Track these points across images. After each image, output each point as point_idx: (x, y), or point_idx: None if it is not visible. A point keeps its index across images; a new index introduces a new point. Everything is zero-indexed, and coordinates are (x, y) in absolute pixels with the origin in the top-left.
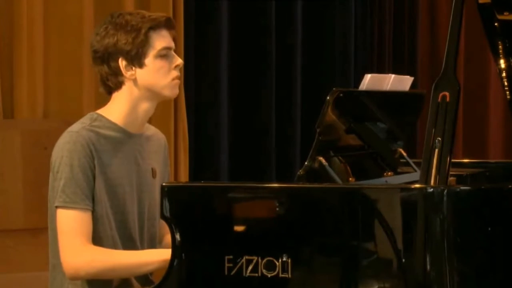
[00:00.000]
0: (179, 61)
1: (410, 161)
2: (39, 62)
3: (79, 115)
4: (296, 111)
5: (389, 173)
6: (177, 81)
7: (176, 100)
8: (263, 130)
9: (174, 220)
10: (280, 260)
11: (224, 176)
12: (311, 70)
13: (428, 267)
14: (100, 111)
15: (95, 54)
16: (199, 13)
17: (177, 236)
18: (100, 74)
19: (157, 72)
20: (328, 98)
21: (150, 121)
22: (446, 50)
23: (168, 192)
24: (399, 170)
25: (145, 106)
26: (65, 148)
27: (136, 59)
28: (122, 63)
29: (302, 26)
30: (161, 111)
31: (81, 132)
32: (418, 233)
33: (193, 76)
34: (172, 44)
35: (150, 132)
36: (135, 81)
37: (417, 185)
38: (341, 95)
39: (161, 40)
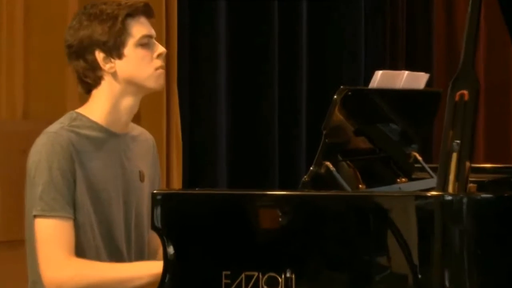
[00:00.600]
0: (161, 49)
1: (426, 166)
2: (19, 60)
3: (61, 116)
4: (301, 111)
5: (403, 179)
6: (161, 70)
7: (168, 96)
8: (265, 131)
9: (166, 231)
10: (283, 276)
11: (222, 182)
12: (316, 69)
13: (447, 283)
14: (80, 110)
15: (69, 49)
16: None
17: (170, 249)
18: (77, 71)
19: (139, 62)
20: (335, 97)
21: (139, 119)
22: (464, 44)
23: (160, 201)
24: (413, 175)
25: (128, 102)
26: (43, 151)
27: (114, 50)
28: (99, 55)
29: (307, 23)
30: (151, 108)
31: (60, 133)
32: (435, 245)
33: (188, 70)
34: (153, 32)
35: (136, 132)
36: (115, 74)
37: (433, 193)
38: (350, 93)
39: (140, 27)
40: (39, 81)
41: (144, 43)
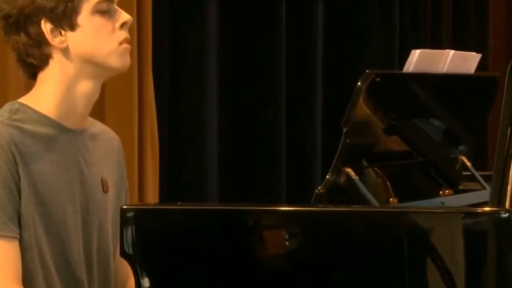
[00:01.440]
0: (125, 16)
1: (477, 174)
2: None
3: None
4: (315, 103)
5: (447, 191)
6: (126, 45)
7: (140, 83)
8: (270, 129)
9: (140, 259)
10: None
11: (213, 195)
12: (335, 48)
13: None
14: (23, 100)
15: (6, 20)
16: None
17: (144, 281)
18: (17, 49)
19: (97, 33)
20: (359, 83)
21: (102, 113)
22: None
23: (132, 219)
24: (461, 186)
25: (85, 87)
26: None
27: (65, 19)
28: (46, 26)
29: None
30: (119, 99)
31: None
32: (489, 273)
33: (166, 54)
34: None
35: (97, 129)
36: (66, 50)
37: (486, 209)
38: (378, 79)
39: None
40: None
41: (104, 10)
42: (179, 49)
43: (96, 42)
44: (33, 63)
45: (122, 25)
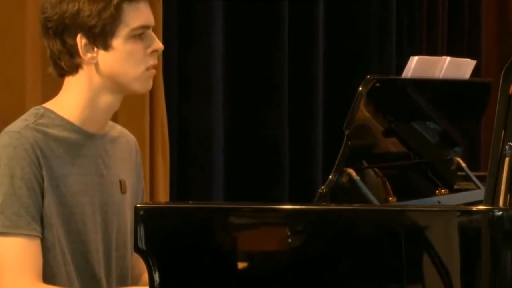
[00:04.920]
0: (158, 45)
1: (471, 174)
2: None
3: (21, 113)
4: (317, 106)
5: (443, 190)
6: (153, 71)
7: (152, 89)
8: (273, 130)
9: (152, 254)
10: None
11: (219, 194)
12: (336, 55)
13: None
14: (48, 105)
15: (46, 22)
16: None
17: (156, 275)
18: (51, 50)
19: (128, 58)
20: (360, 88)
21: (116, 116)
22: None
23: (144, 217)
24: (456, 186)
25: (107, 99)
26: (3, 154)
27: (101, 39)
28: (81, 40)
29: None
30: (131, 102)
31: (24, 133)
32: (483, 270)
33: (176, 61)
34: (152, 21)
35: (116, 133)
36: (96, 66)
37: (480, 207)
38: (378, 84)
39: (137, 15)
40: None
41: (139, 34)
42: (187, 56)
43: (124, 65)
44: (62, 67)
45: (153, 52)
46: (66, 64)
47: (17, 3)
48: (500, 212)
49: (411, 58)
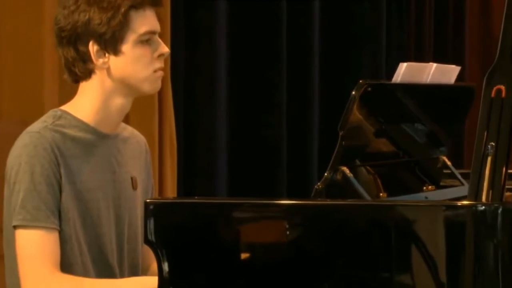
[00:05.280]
0: (164, 49)
1: (456, 172)
2: None
3: (39, 115)
4: (313, 109)
5: (430, 187)
6: (160, 73)
7: (161, 93)
8: (272, 131)
9: (161, 245)
10: None
11: (223, 190)
12: (331, 57)
13: None
14: (64, 108)
15: (60, 32)
16: None
17: (165, 265)
18: (65, 58)
19: (136, 61)
20: (353, 92)
21: (127, 117)
22: (501, 32)
23: (153, 211)
24: (442, 183)
25: (119, 102)
26: (24, 153)
27: (111, 44)
28: (93, 47)
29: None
30: (141, 105)
31: (44, 133)
32: (467, 261)
33: (183, 65)
34: (158, 27)
35: (127, 134)
36: (107, 70)
37: (465, 202)
38: (370, 88)
39: (144, 22)
40: (12, 76)
41: (146, 40)
42: (193, 63)
43: (134, 68)
44: (77, 73)
45: (159, 56)
46: (80, 70)
47: (36, 16)
48: (483, 207)
49: (400, 64)
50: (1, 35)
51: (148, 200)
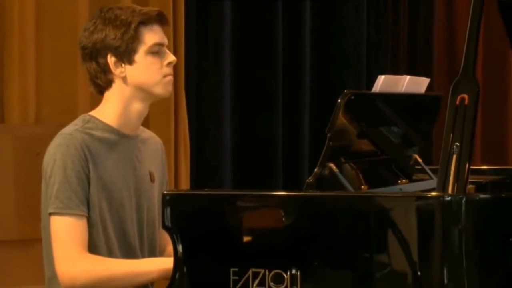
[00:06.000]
0: (171, 58)
1: (426, 167)
2: (31, 64)
3: (73, 120)
4: (305, 114)
5: (404, 180)
6: (170, 77)
7: (176, 102)
8: (270, 134)
9: (176, 230)
10: (288, 273)
11: (228, 183)
12: (320, 71)
13: (446, 280)
14: (92, 113)
15: (83, 50)
16: (201, 11)
17: (179, 247)
18: (89, 72)
19: (148, 69)
20: (339, 100)
21: (147, 123)
22: (465, 49)
23: (170, 201)
24: (414, 177)
25: (138, 107)
26: (58, 151)
27: (126, 56)
28: (111, 59)
29: (311, 25)
30: (160, 112)
31: (75, 134)
32: (435, 244)
33: (195, 76)
34: (165, 40)
35: (146, 135)
36: (125, 79)
37: (434, 193)
38: (353, 97)
39: (152, 35)
40: (51, 86)
41: (155, 51)
42: (203, 71)
43: (146, 75)
44: (100, 84)
45: (168, 64)
46: (102, 80)
47: (71, 34)
48: (449, 198)
49: (379, 76)
50: (42, 54)
51: (165, 192)
